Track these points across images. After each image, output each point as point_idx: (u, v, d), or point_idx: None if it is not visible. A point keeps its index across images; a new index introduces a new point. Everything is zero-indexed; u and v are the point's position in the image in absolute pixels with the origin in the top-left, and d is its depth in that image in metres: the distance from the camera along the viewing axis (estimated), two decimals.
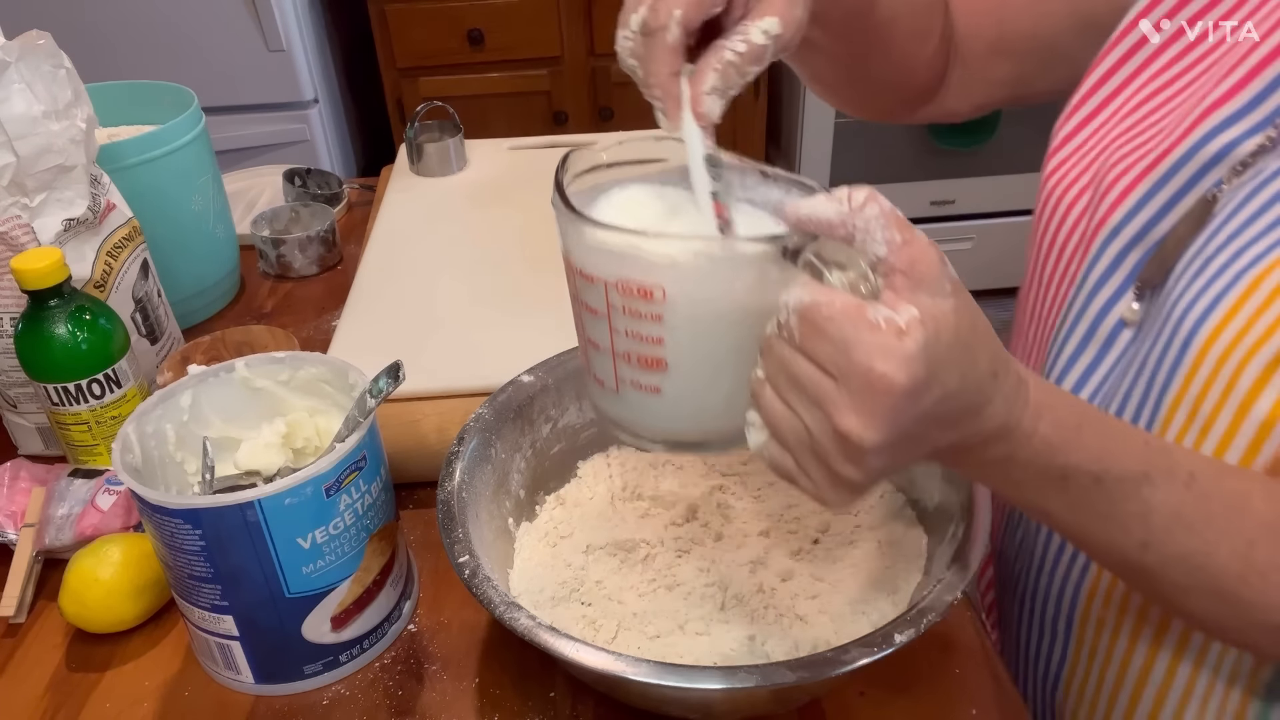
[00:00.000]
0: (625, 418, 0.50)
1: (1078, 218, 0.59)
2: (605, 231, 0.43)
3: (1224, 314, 0.48)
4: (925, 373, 0.38)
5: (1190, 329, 0.50)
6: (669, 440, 0.50)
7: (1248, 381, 0.47)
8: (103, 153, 0.83)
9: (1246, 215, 0.50)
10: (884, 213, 0.39)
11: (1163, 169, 0.54)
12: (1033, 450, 0.43)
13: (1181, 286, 0.51)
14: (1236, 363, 0.47)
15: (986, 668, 0.61)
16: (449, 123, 1.15)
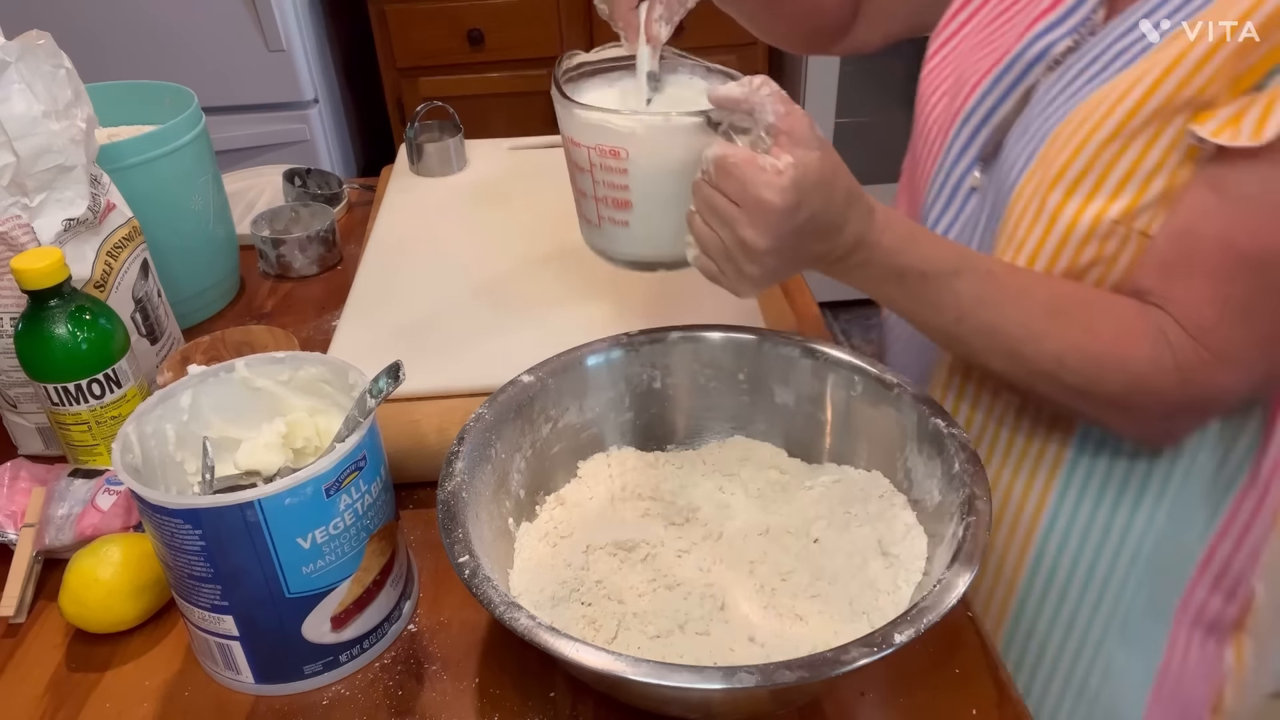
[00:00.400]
0: (605, 246, 0.70)
1: (944, 109, 0.75)
2: (589, 111, 0.63)
3: (1035, 163, 0.64)
4: (796, 198, 0.54)
5: (1012, 180, 0.66)
6: (635, 261, 0.70)
7: (1053, 203, 0.62)
8: (103, 153, 0.83)
9: (1053, 95, 0.65)
10: (774, 93, 0.55)
11: (1000, 67, 0.70)
12: (879, 255, 0.60)
13: (1008, 153, 0.67)
14: (1043, 191, 0.63)
15: (986, 668, 0.61)
16: (449, 123, 1.15)
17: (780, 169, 0.54)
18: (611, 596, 0.61)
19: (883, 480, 0.67)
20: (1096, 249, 0.61)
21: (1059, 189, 0.61)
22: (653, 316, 0.86)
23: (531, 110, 2.22)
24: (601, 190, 0.66)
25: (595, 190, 0.66)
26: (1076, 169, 0.61)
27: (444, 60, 2.14)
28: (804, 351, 0.70)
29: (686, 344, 0.72)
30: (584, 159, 0.65)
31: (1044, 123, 0.64)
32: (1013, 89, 0.69)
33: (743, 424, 0.74)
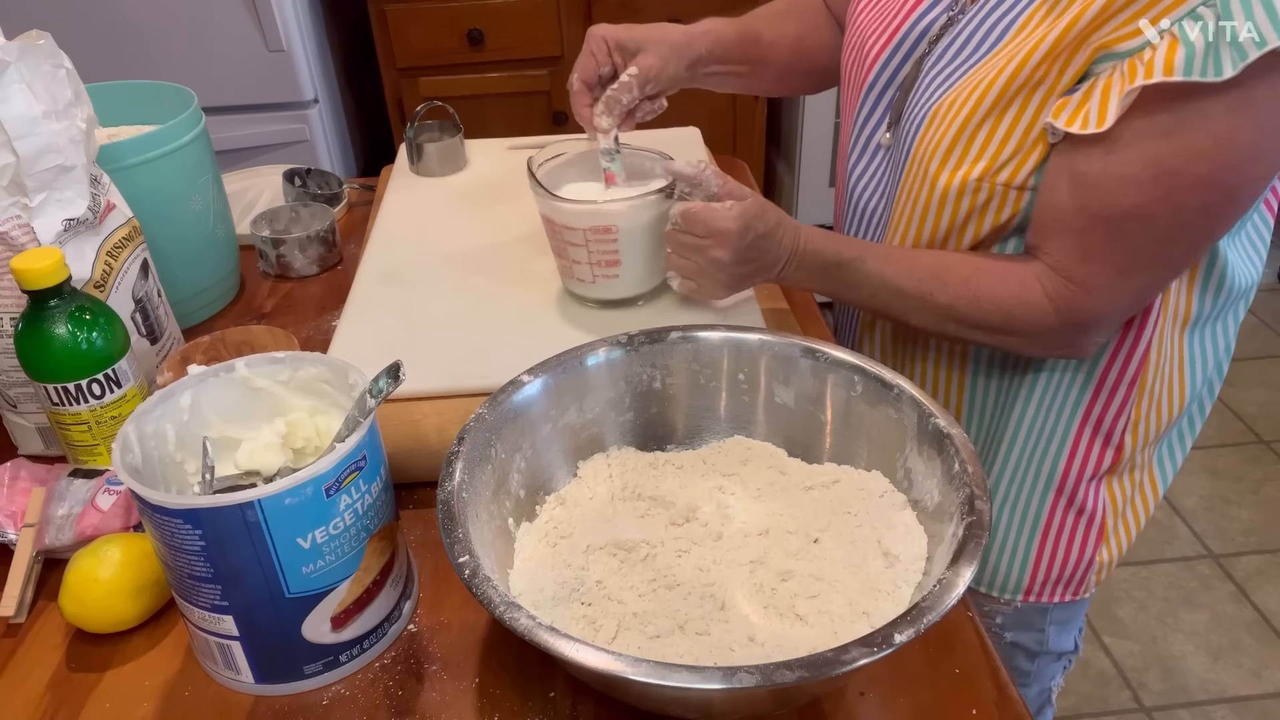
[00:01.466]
0: (597, 294, 0.88)
1: (853, 76, 0.89)
2: (583, 205, 0.83)
3: (923, 129, 0.78)
4: (744, 223, 0.75)
5: (907, 147, 0.80)
6: (621, 299, 0.88)
7: (933, 171, 0.77)
8: (103, 153, 0.83)
9: (936, 70, 0.79)
10: (715, 171, 0.77)
11: (895, 41, 0.84)
12: (808, 257, 0.79)
13: (907, 118, 0.81)
14: (926, 161, 0.77)
15: (986, 668, 0.61)
16: (449, 123, 1.15)
17: (729, 208, 0.75)
18: (611, 596, 0.61)
19: (883, 480, 0.67)
20: (969, 202, 0.76)
21: (936, 159, 0.76)
22: (653, 316, 0.86)
23: (531, 110, 2.22)
24: (595, 257, 0.84)
25: (590, 258, 0.84)
26: (947, 144, 0.75)
27: (444, 60, 2.14)
28: (804, 351, 0.70)
29: (686, 344, 0.72)
30: (579, 238, 0.83)
31: (929, 97, 0.78)
32: (907, 59, 0.83)
33: (743, 424, 0.74)
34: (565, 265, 0.87)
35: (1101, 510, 0.88)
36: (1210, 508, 2.06)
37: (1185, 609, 1.85)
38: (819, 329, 0.94)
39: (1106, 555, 0.91)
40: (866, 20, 0.88)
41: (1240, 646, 1.77)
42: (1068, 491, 0.87)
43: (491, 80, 2.18)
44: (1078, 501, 0.88)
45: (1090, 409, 0.84)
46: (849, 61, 0.90)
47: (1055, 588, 0.92)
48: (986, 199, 0.75)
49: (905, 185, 0.81)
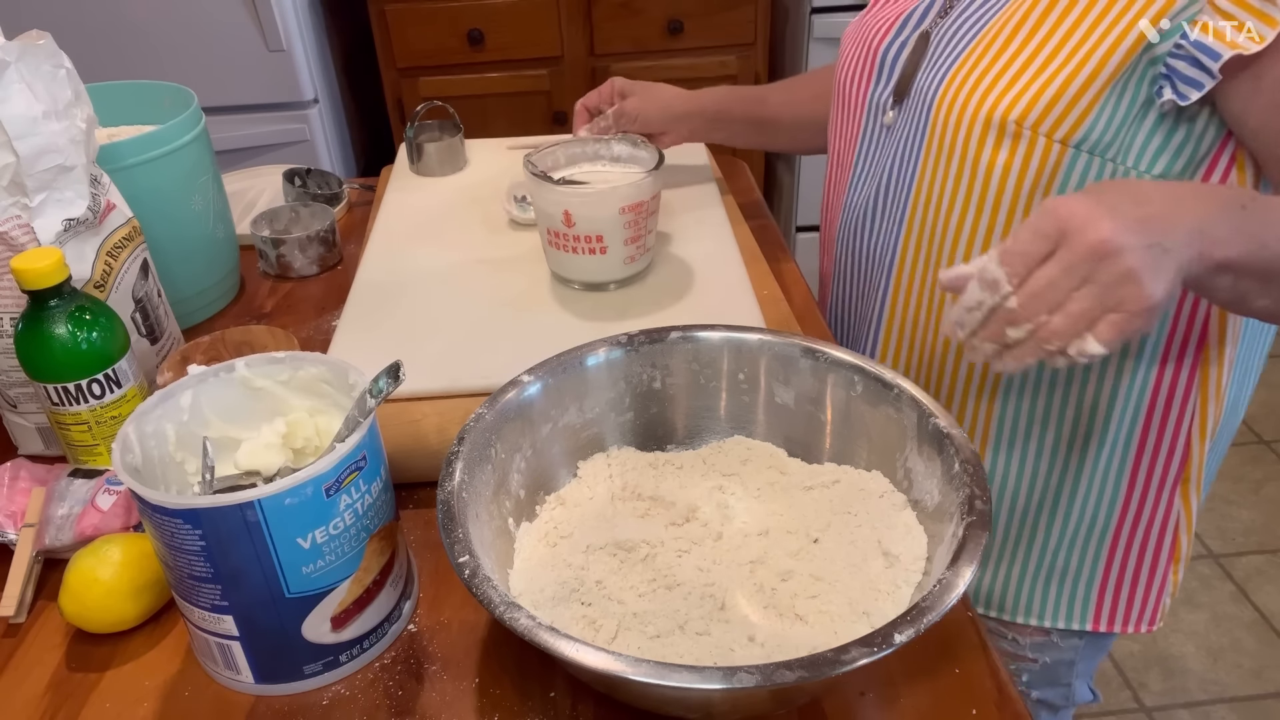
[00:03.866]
0: (584, 277, 0.90)
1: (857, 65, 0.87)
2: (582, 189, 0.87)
3: (940, 92, 0.75)
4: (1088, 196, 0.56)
5: (928, 105, 0.77)
6: (602, 283, 0.91)
7: (963, 134, 0.73)
8: (103, 153, 0.83)
9: (949, 36, 0.77)
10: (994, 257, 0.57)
11: (899, 24, 0.83)
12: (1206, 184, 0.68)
13: (916, 91, 0.79)
14: (955, 121, 0.74)
15: (986, 668, 0.61)
16: (449, 122, 1.15)
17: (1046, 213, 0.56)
18: (611, 596, 0.61)
19: (883, 480, 0.67)
20: (1008, 151, 0.71)
21: (974, 98, 0.72)
22: (654, 315, 0.86)
23: (531, 110, 2.22)
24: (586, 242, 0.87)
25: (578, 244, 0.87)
26: (988, 80, 0.72)
27: (444, 60, 2.14)
28: (804, 351, 0.70)
29: (686, 344, 0.72)
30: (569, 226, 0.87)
31: (948, 54, 0.76)
32: (908, 40, 0.82)
33: (743, 424, 0.74)
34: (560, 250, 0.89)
35: (1175, 523, 0.83)
36: (1210, 508, 2.06)
37: (1185, 609, 1.85)
38: (819, 329, 0.94)
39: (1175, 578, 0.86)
40: (862, 27, 0.88)
41: (1240, 646, 1.77)
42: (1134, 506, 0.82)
43: (491, 80, 2.18)
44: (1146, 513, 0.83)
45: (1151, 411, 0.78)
46: (851, 66, 0.88)
47: (1124, 616, 0.86)
48: (1026, 152, 0.70)
49: (930, 146, 0.77)
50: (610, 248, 0.87)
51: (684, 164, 1.14)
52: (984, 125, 0.72)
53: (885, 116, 0.84)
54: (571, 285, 0.91)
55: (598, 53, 2.17)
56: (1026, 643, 0.90)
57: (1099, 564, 0.85)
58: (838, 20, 2.13)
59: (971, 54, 0.74)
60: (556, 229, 0.87)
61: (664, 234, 0.99)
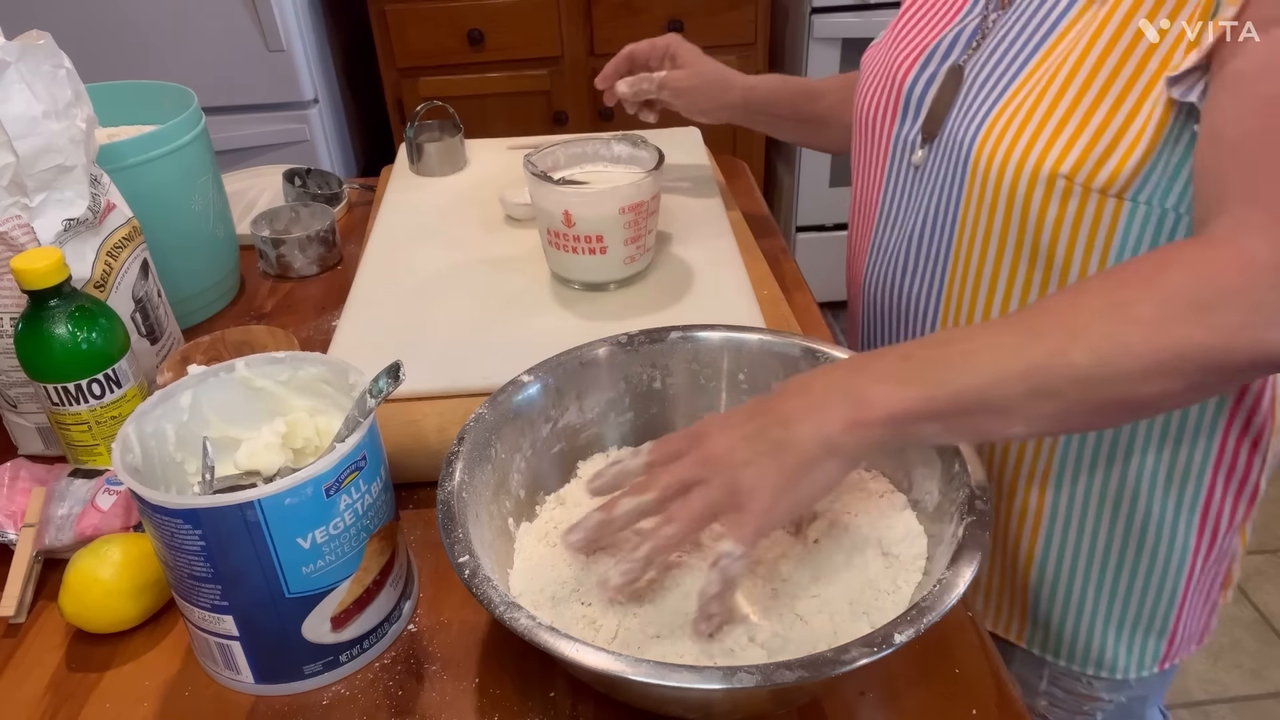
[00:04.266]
0: (584, 277, 0.90)
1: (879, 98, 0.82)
2: (583, 189, 0.88)
3: (980, 139, 0.69)
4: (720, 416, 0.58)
5: (963, 156, 0.71)
6: (602, 283, 0.91)
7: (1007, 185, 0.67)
8: (103, 153, 0.83)
9: (985, 75, 0.72)
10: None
11: (925, 55, 0.78)
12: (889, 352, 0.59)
13: (950, 134, 0.73)
14: (998, 172, 0.68)
15: (986, 668, 0.61)
16: (449, 122, 1.15)
17: None
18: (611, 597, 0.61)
19: (883, 480, 0.67)
20: (1058, 209, 0.66)
21: (1001, 154, 0.67)
22: (654, 315, 0.86)
23: (531, 110, 2.22)
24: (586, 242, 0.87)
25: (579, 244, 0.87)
26: (1012, 137, 0.67)
27: (444, 60, 2.14)
28: (804, 351, 0.70)
29: (686, 344, 0.72)
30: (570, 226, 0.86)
31: (988, 95, 0.70)
32: (937, 74, 0.77)
33: None
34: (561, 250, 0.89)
35: (1232, 555, 0.80)
36: None
37: None
38: (819, 329, 0.94)
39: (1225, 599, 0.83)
40: (891, 41, 0.83)
41: (1240, 646, 1.77)
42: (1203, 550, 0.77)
43: (491, 80, 2.18)
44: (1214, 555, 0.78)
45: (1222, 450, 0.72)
46: (874, 97, 0.83)
47: (1183, 645, 0.82)
48: (1079, 207, 0.65)
49: (970, 195, 0.71)
50: (610, 248, 0.87)
51: (684, 164, 1.14)
52: (1030, 178, 0.66)
53: (913, 156, 0.78)
54: (571, 285, 0.91)
55: (598, 53, 2.17)
56: (1100, 685, 0.84)
57: (1171, 610, 0.79)
58: (838, 20, 2.13)
59: (1013, 99, 0.68)
60: (556, 229, 0.87)
61: (664, 234, 0.99)
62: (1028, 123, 0.66)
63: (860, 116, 0.85)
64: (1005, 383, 0.52)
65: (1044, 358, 0.52)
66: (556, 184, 0.87)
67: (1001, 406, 0.53)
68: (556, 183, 0.87)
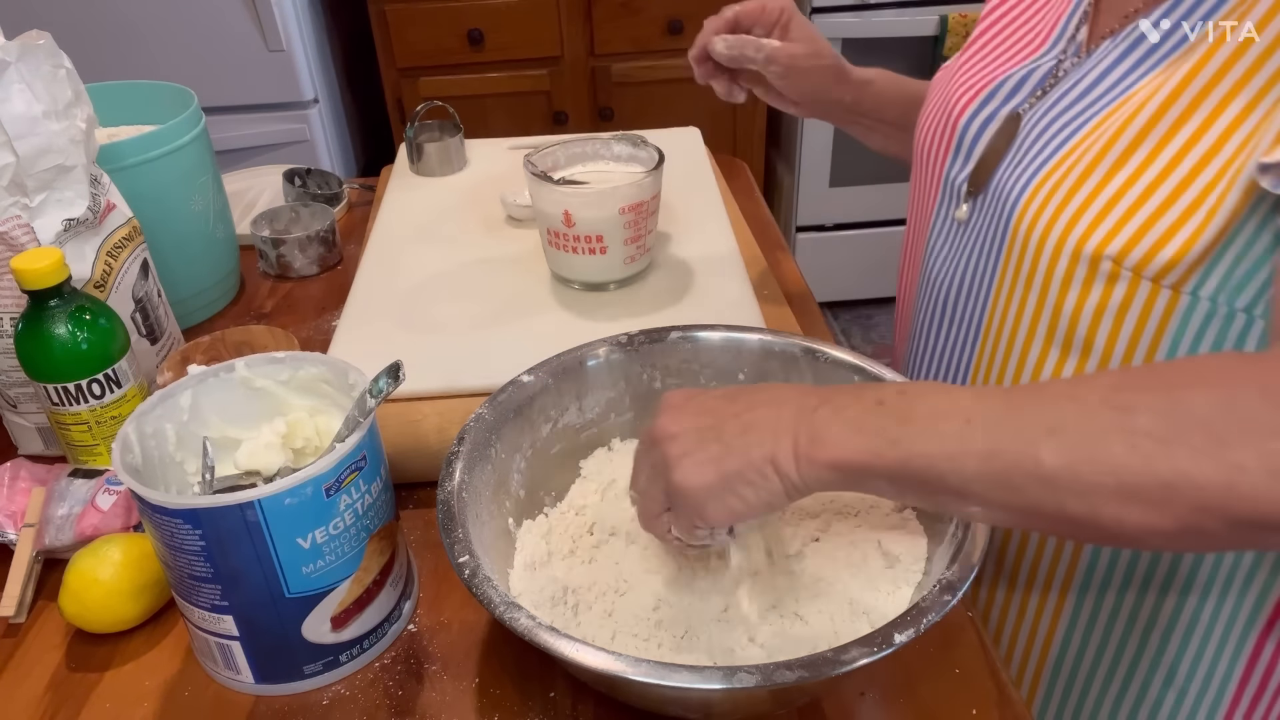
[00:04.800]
0: (584, 277, 0.90)
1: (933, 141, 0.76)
2: (583, 189, 0.87)
3: (1024, 202, 0.62)
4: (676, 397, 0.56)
5: (1005, 216, 0.64)
6: (602, 283, 0.90)
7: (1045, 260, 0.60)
8: (103, 153, 0.83)
9: (1041, 128, 0.64)
10: None
11: (982, 96, 0.70)
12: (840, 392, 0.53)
13: (996, 188, 0.66)
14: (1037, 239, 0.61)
15: (986, 668, 0.61)
16: (449, 123, 1.15)
17: None
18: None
19: None
20: (1101, 293, 0.57)
21: (1062, 218, 0.59)
22: (654, 315, 0.86)
23: (531, 110, 2.22)
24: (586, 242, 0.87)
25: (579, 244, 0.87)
26: (1056, 207, 0.59)
27: (444, 60, 2.14)
28: (804, 351, 0.70)
29: (686, 344, 0.72)
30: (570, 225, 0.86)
31: (1039, 153, 0.62)
32: (994, 117, 0.69)
33: None
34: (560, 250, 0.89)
35: None
36: None
37: None
38: (819, 329, 0.94)
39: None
40: (957, 76, 0.75)
41: None
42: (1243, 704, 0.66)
43: (491, 80, 2.18)
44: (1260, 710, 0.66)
45: None
46: (929, 126, 0.76)
47: None
48: (1126, 296, 0.57)
49: (1007, 264, 0.64)
50: (610, 248, 0.87)
51: (684, 164, 1.14)
52: (1072, 255, 0.58)
53: (957, 210, 0.71)
54: (571, 285, 0.91)
55: (598, 53, 2.17)
56: None
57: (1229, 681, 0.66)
58: (838, 20, 2.13)
59: (1065, 160, 0.60)
60: (556, 229, 0.87)
61: (664, 234, 0.99)
62: (1077, 190, 0.58)
63: (917, 144, 0.78)
64: (963, 459, 0.46)
65: (1011, 443, 0.46)
66: (556, 184, 0.87)
67: (956, 485, 0.47)
68: (556, 183, 0.87)
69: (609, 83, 2.20)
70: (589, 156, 0.95)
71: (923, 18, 2.12)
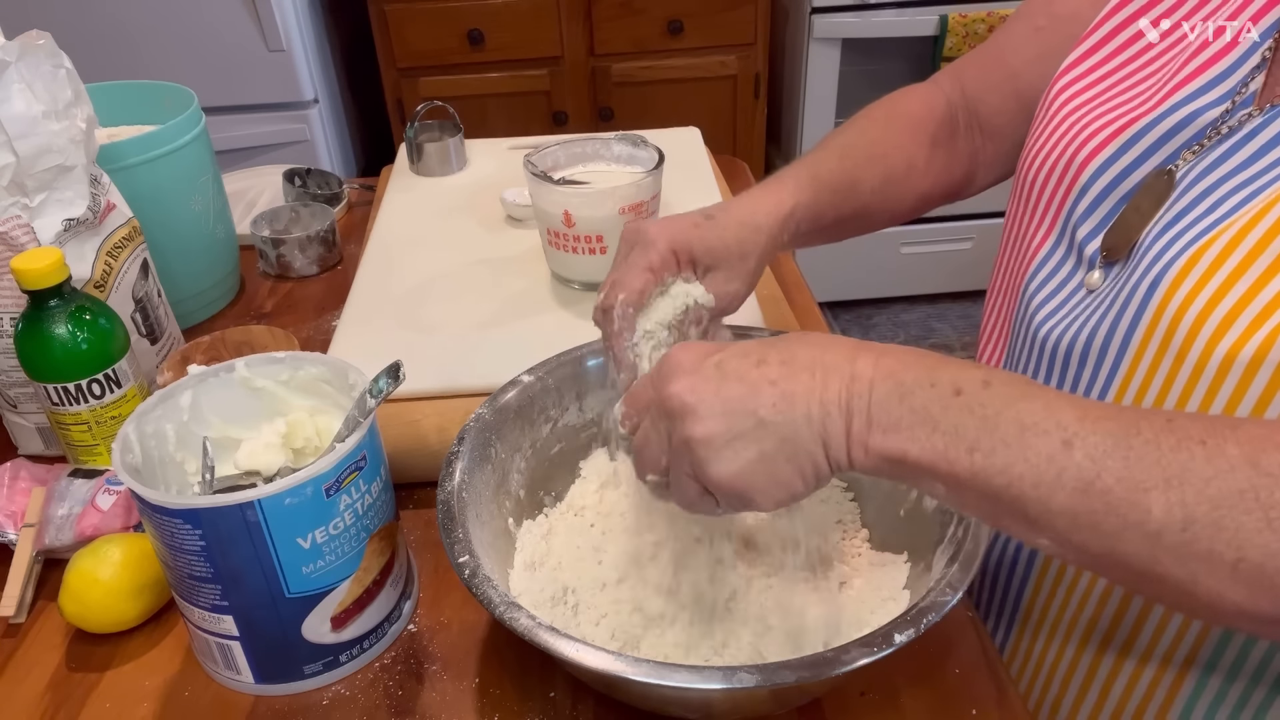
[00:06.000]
0: (584, 277, 0.90)
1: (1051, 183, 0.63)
2: (582, 189, 0.88)
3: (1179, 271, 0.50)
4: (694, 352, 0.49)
5: (1152, 286, 0.52)
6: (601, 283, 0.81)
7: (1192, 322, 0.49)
8: (103, 153, 0.83)
9: (1208, 185, 0.52)
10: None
11: (1126, 137, 0.57)
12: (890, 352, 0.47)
13: (1145, 255, 0.53)
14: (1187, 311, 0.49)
15: (986, 668, 0.61)
16: (449, 123, 1.15)
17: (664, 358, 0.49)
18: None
19: (883, 480, 0.67)
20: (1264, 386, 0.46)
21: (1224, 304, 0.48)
22: None
23: (531, 110, 2.22)
24: (587, 242, 0.87)
25: (580, 244, 0.87)
26: (1248, 282, 0.47)
27: (444, 60, 2.14)
28: None
29: None
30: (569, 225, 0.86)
31: (1198, 219, 0.52)
32: (1139, 166, 0.57)
33: None
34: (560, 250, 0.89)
35: None
36: None
37: None
38: (819, 329, 0.94)
39: None
40: (1082, 107, 0.62)
41: None
42: None
43: (491, 80, 2.18)
44: None
45: None
46: (1042, 161, 0.64)
47: None
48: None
49: (1147, 343, 0.52)
50: (610, 248, 0.87)
51: (684, 164, 1.14)
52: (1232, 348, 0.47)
53: (1089, 276, 0.59)
54: (571, 285, 0.91)
55: (598, 53, 2.17)
56: None
57: None
58: (838, 20, 2.13)
59: (1228, 229, 0.49)
60: (556, 229, 0.87)
61: None
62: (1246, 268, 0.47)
63: (1024, 168, 0.66)
64: (1052, 489, 0.40)
65: (1117, 484, 0.39)
66: (556, 184, 0.87)
67: (1034, 514, 0.41)
68: (556, 183, 0.87)
69: (609, 83, 2.20)
70: (589, 156, 0.95)
71: (923, 18, 2.12)
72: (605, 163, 0.95)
